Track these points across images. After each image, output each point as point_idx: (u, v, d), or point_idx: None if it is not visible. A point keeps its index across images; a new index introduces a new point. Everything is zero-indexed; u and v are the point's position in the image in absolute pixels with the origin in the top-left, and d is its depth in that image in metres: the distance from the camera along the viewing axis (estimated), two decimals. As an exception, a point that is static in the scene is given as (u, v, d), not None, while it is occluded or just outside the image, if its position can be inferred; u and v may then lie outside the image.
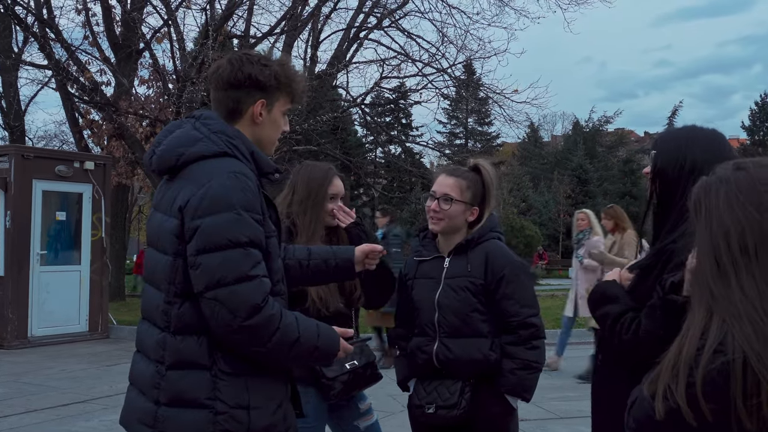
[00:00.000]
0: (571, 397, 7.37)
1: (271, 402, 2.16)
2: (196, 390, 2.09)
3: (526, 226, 33.87)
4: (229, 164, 2.15)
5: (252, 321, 2.04)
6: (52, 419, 6.81)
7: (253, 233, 2.09)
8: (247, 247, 2.07)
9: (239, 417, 2.09)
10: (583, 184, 46.00)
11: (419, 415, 3.13)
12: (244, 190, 2.10)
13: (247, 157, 2.21)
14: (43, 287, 11.85)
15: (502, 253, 3.13)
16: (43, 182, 11.94)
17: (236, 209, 2.07)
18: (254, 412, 2.11)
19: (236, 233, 2.06)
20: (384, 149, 34.24)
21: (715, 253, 1.62)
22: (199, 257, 2.06)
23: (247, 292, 2.04)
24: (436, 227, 3.15)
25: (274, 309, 2.08)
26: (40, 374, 9.18)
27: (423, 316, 3.13)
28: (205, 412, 2.08)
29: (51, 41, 15.26)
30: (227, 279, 2.03)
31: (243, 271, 2.05)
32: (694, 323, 1.63)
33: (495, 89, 18.61)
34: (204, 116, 2.27)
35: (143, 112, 15.24)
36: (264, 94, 2.28)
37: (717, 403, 1.53)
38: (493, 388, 3.06)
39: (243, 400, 2.10)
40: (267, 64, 2.28)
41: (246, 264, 2.06)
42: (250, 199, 2.11)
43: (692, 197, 1.72)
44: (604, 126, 54.95)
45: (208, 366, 2.10)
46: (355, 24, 18.16)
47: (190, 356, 2.11)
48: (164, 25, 15.92)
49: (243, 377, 2.12)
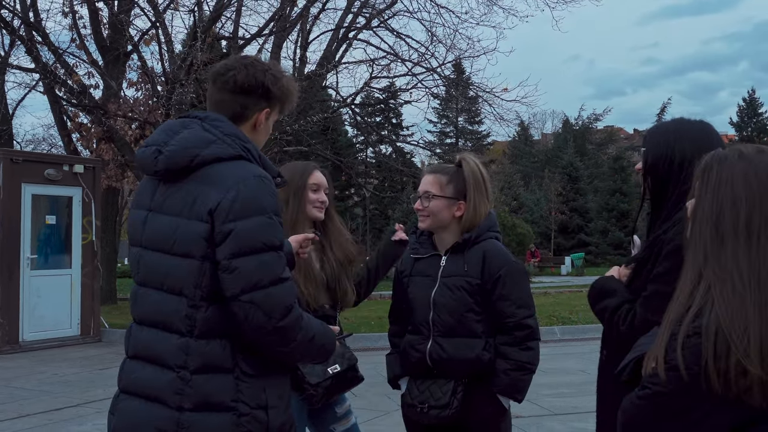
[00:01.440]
0: (565, 393, 7.38)
1: (282, 400, 2.22)
2: (222, 393, 2.10)
3: (518, 224, 33.87)
4: (252, 168, 2.18)
5: (285, 322, 2.09)
6: (45, 424, 6.77)
7: (280, 238, 2.16)
8: (279, 250, 2.13)
9: (260, 417, 2.13)
10: (574, 182, 46.12)
11: (412, 414, 3.12)
12: (272, 194, 2.16)
13: (258, 162, 2.24)
14: (33, 291, 11.79)
15: (499, 253, 3.11)
16: (32, 186, 11.87)
17: (268, 213, 2.12)
18: (272, 411, 2.16)
19: (270, 237, 2.10)
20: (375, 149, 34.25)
21: (717, 218, 1.66)
22: (234, 261, 2.07)
23: (281, 294, 2.10)
24: (423, 224, 3.17)
25: (299, 309, 2.15)
26: (32, 379, 9.13)
27: (417, 314, 3.12)
28: (230, 415, 2.10)
29: (38, 44, 15.20)
30: (263, 282, 2.07)
31: (277, 273, 2.10)
32: (684, 287, 1.69)
33: (485, 88, 18.68)
34: (211, 118, 2.25)
35: (132, 115, 15.19)
36: (269, 104, 2.33)
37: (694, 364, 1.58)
38: (485, 388, 3.05)
39: (262, 401, 2.14)
40: (278, 76, 2.34)
41: (279, 267, 2.12)
42: (276, 203, 2.17)
43: (703, 162, 1.75)
44: (594, 124, 55.18)
45: (231, 368, 2.12)
46: (343, 24, 18.15)
47: (215, 360, 2.11)
48: (152, 27, 15.87)
49: (261, 378, 2.16)
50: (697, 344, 1.59)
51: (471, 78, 20.57)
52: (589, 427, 6.81)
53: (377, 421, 6.43)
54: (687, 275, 1.70)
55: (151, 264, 2.21)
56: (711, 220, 1.67)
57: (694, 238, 1.70)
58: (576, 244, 43.62)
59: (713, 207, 1.68)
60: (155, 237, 2.21)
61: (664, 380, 1.64)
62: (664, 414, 1.67)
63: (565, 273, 35.20)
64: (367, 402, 6.68)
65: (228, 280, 2.07)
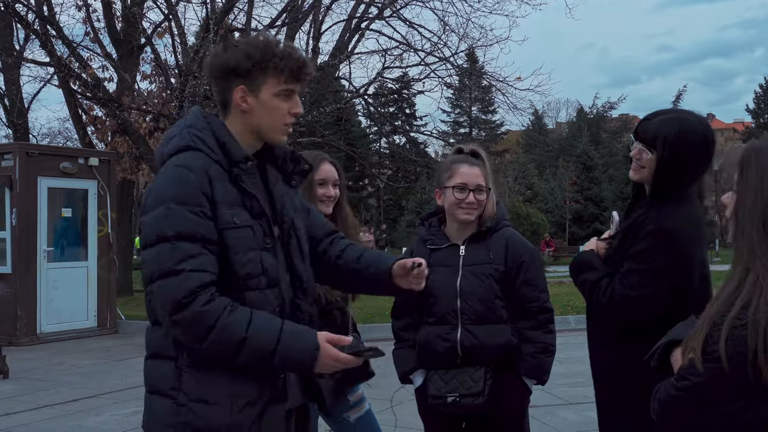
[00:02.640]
0: (580, 383, 7.36)
1: (237, 400, 2.09)
2: (163, 380, 2.11)
3: (532, 213, 33.75)
4: (179, 158, 2.13)
5: (177, 317, 2.00)
6: (63, 415, 6.84)
7: (183, 226, 2.02)
8: (174, 240, 2.02)
9: (198, 410, 2.06)
10: (588, 171, 45.91)
11: (438, 405, 3.09)
12: (181, 182, 2.06)
13: (213, 148, 2.14)
14: (50, 284, 11.90)
15: (520, 240, 3.22)
16: (48, 179, 11.96)
17: (166, 203, 2.04)
18: (214, 407, 2.07)
19: (163, 227, 2.03)
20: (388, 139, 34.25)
21: (763, 212, 1.65)
22: (142, 253, 2.09)
23: (169, 288, 2.01)
24: (470, 217, 3.14)
25: (210, 305, 2.00)
26: (50, 370, 9.22)
27: (442, 304, 3.11)
28: (170, 402, 2.09)
29: (52, 38, 15.24)
30: (155, 274, 2.03)
31: (168, 266, 2.01)
32: (731, 280, 1.68)
33: (498, 77, 18.52)
34: (189, 112, 2.28)
35: (146, 108, 15.23)
36: (242, 80, 2.16)
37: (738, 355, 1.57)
38: (512, 373, 3.09)
39: (203, 394, 2.07)
40: (237, 45, 2.17)
41: (171, 259, 2.01)
42: (185, 191, 2.05)
43: (742, 156, 1.74)
44: (608, 112, 54.88)
45: (174, 357, 2.10)
46: (356, 15, 18.09)
47: (159, 347, 2.14)
48: (165, 20, 15.88)
49: (204, 371, 2.08)
50: (743, 336, 1.57)
51: (484, 67, 20.44)
52: (604, 416, 6.74)
53: (391, 411, 6.44)
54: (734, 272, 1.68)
55: None
56: (756, 214, 1.65)
57: (739, 236, 1.68)
58: (591, 234, 43.35)
59: (757, 201, 1.66)
60: None
61: (703, 372, 1.63)
62: (704, 405, 1.68)
63: (580, 262, 35.00)
64: (380, 392, 6.69)
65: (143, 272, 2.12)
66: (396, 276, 2.40)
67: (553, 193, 45.68)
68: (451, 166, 3.20)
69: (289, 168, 2.36)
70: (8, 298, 11.55)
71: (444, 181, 3.19)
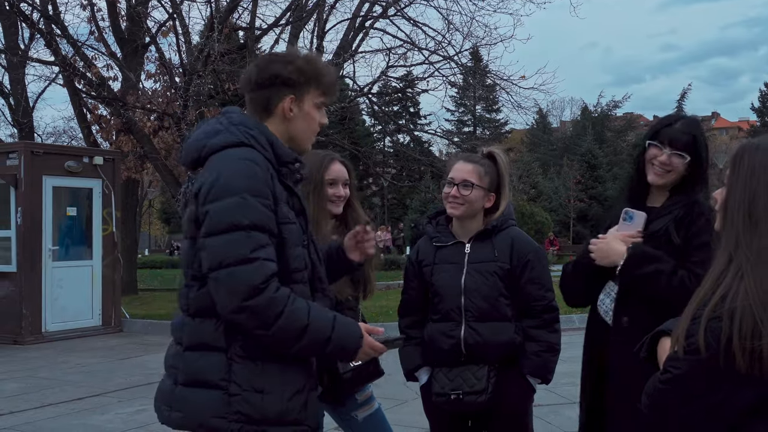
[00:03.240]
0: (584, 382, 7.36)
1: (287, 388, 2.19)
2: (212, 371, 2.15)
3: (537, 212, 33.76)
4: (242, 152, 2.20)
5: (251, 302, 2.07)
6: (68, 413, 6.86)
7: (257, 217, 2.13)
8: (249, 230, 2.11)
9: (252, 400, 2.13)
10: (593, 170, 45.87)
11: (442, 403, 3.11)
12: (251, 176, 2.15)
13: (266, 147, 2.26)
14: (55, 283, 11.92)
15: (525, 239, 3.23)
16: (53, 178, 11.98)
17: (241, 194, 2.12)
18: (267, 396, 2.15)
19: (238, 217, 2.10)
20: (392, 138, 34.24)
21: (749, 204, 1.71)
22: (206, 240, 2.14)
23: (246, 274, 2.07)
24: (456, 212, 3.17)
25: (279, 293, 2.10)
26: (55, 369, 9.25)
27: (446, 301, 3.14)
28: (220, 393, 2.13)
29: (57, 37, 15.27)
30: (228, 260, 2.08)
31: (242, 253, 2.08)
32: (712, 273, 1.73)
33: (502, 76, 18.54)
34: (228, 111, 2.36)
35: (151, 106, 15.25)
36: (292, 90, 2.33)
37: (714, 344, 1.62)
38: (515, 371, 3.10)
39: (257, 384, 2.14)
40: (291, 60, 2.34)
41: (246, 246, 2.09)
42: (256, 184, 2.15)
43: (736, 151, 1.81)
44: (613, 111, 54.77)
45: (224, 348, 2.15)
46: (360, 13, 18.09)
47: (206, 338, 2.18)
48: (169, 19, 15.91)
49: (258, 362, 2.15)
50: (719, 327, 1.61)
51: (488, 66, 20.46)
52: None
53: (395, 410, 6.45)
54: (717, 262, 1.74)
55: (183, 249, 2.37)
56: (743, 206, 1.71)
57: (727, 225, 1.75)
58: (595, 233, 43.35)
59: (745, 194, 1.72)
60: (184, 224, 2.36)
61: (683, 364, 1.68)
62: (687, 397, 1.70)
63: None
64: (384, 391, 6.69)
65: (203, 258, 2.16)
66: (349, 250, 2.72)
67: (557, 191, 45.64)
68: (451, 163, 3.30)
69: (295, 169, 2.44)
70: (13, 296, 11.57)
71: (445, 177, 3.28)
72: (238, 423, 2.13)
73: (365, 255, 2.76)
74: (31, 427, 6.34)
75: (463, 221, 3.20)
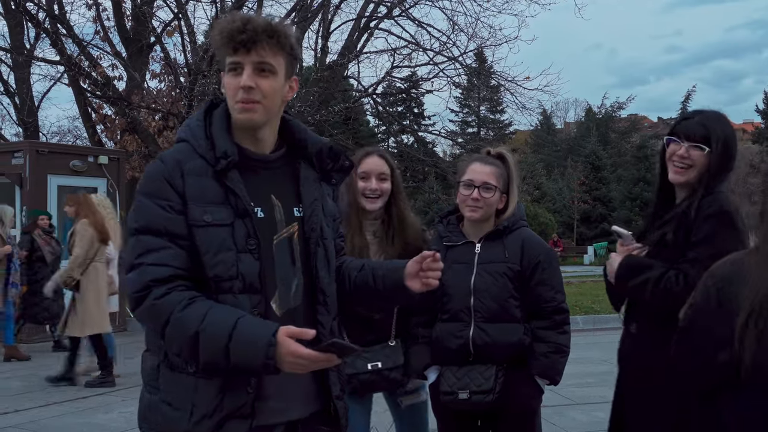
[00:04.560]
0: (589, 383, 7.36)
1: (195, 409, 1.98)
2: (149, 374, 2.14)
3: (540, 213, 33.75)
4: (168, 152, 2.12)
5: (138, 310, 1.99)
6: (72, 412, 6.87)
7: (147, 219, 1.99)
8: (138, 234, 2.00)
9: (165, 412, 2.05)
10: (597, 171, 45.77)
11: (450, 402, 3.11)
12: (150, 175, 2.05)
13: (200, 142, 2.07)
14: (60, 281, 11.89)
15: (537, 240, 3.23)
16: (57, 177, 12.00)
17: (138, 196, 2.05)
18: (176, 413, 2.02)
19: (131, 221, 2.03)
20: (396, 139, 34.16)
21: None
22: None
23: (131, 281, 1.99)
24: (475, 215, 3.15)
25: (163, 300, 1.92)
26: (60, 367, 9.24)
27: (455, 301, 3.13)
28: (148, 397, 2.12)
29: (63, 37, 15.31)
30: (127, 266, 2.03)
31: (130, 259, 2.00)
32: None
33: (506, 77, 18.53)
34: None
35: (155, 106, 15.29)
36: (219, 66, 2.19)
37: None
38: (523, 372, 3.09)
39: (169, 397, 2.05)
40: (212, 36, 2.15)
41: (133, 252, 2.00)
42: (153, 184, 2.02)
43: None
44: (617, 112, 54.63)
45: (157, 353, 2.10)
46: (365, 14, 18.11)
47: (149, 341, 2.16)
48: (175, 19, 15.94)
49: (175, 373, 2.04)
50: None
51: (493, 67, 20.44)
52: (612, 417, 6.70)
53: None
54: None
55: None
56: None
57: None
58: (599, 234, 43.31)
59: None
60: None
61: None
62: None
63: (588, 262, 35.01)
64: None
65: None
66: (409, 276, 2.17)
67: (561, 193, 45.57)
68: (465, 164, 3.24)
69: (328, 165, 2.22)
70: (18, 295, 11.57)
71: (458, 178, 3.24)
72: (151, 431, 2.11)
73: (427, 287, 2.17)
74: (36, 426, 6.35)
75: (476, 222, 3.19)
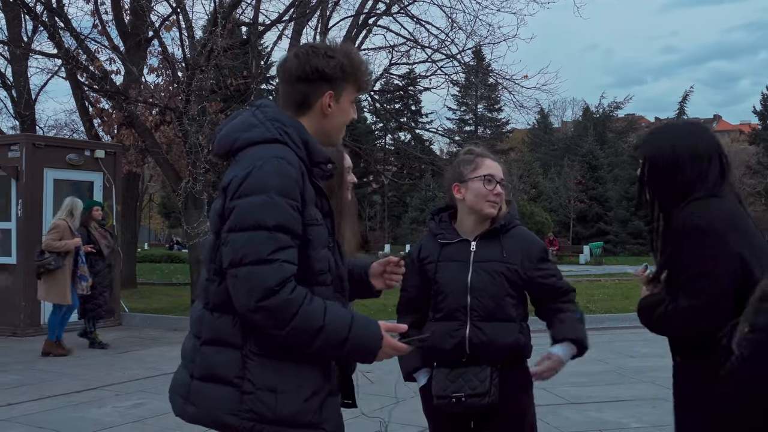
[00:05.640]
0: (583, 383, 7.37)
1: (302, 389, 2.16)
2: (227, 367, 2.14)
3: (537, 212, 33.80)
4: (276, 150, 2.18)
5: (266, 303, 2.05)
6: (65, 406, 6.87)
7: (283, 218, 2.11)
8: (273, 231, 2.09)
9: (265, 399, 2.11)
10: (594, 170, 45.85)
11: (443, 405, 3.05)
12: (283, 175, 2.13)
13: (299, 145, 2.23)
14: (55, 275, 11.88)
15: (533, 238, 3.24)
16: (54, 171, 11.99)
17: (269, 193, 2.10)
18: (281, 395, 2.13)
19: (264, 216, 2.08)
20: (394, 136, 34.18)
21: None
22: (229, 235, 2.12)
23: (262, 274, 2.06)
24: (494, 210, 3.14)
25: (294, 294, 2.08)
26: (53, 361, 9.25)
27: (451, 299, 3.08)
28: (233, 390, 2.12)
29: (60, 30, 15.25)
30: (247, 259, 2.07)
31: (262, 253, 2.07)
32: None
33: (504, 75, 18.49)
34: (263, 105, 2.33)
35: (153, 101, 15.24)
36: (330, 86, 2.30)
37: None
38: (517, 371, 3.07)
39: (270, 383, 2.13)
40: (332, 55, 2.30)
41: (267, 247, 2.07)
42: (286, 184, 2.13)
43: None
44: (614, 112, 54.76)
45: (239, 345, 2.14)
46: (363, 10, 18.07)
47: (223, 334, 2.17)
48: (173, 13, 15.88)
49: (273, 360, 2.14)
50: None
51: (491, 65, 20.45)
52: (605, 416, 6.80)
53: (393, 408, 6.45)
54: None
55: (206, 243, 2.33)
56: None
57: None
58: (595, 233, 43.44)
59: None
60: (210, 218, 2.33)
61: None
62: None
63: (584, 262, 35.05)
64: (382, 388, 6.70)
65: (224, 252, 2.14)
66: (373, 276, 2.64)
67: (557, 192, 45.64)
68: (476, 159, 3.18)
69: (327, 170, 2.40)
70: (12, 288, 11.58)
71: (467, 174, 3.14)
72: (250, 421, 2.11)
73: (388, 287, 2.68)
74: (29, 419, 6.34)
75: (474, 219, 3.15)
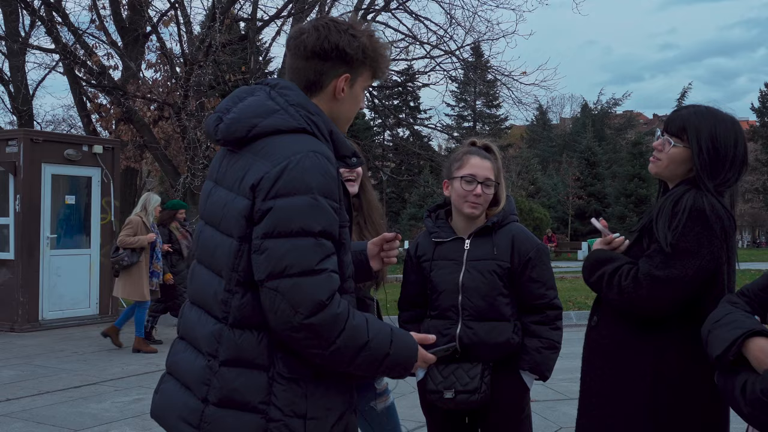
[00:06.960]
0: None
1: (331, 413, 1.94)
2: (251, 392, 1.87)
3: (535, 208, 33.77)
4: (310, 143, 1.90)
5: (314, 319, 1.80)
6: (64, 401, 6.87)
7: (327, 222, 1.85)
8: (320, 237, 1.84)
9: (294, 426, 1.87)
10: (592, 167, 45.85)
11: (436, 400, 3.06)
12: (325, 173, 1.86)
13: (326, 137, 1.97)
14: (53, 271, 11.92)
15: (527, 236, 3.14)
16: (52, 166, 11.97)
17: (313, 193, 1.83)
18: (311, 423, 1.89)
19: (310, 220, 1.82)
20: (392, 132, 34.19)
21: None
22: (266, 241, 1.83)
23: (312, 287, 1.80)
24: (476, 212, 3.07)
25: (341, 308, 1.84)
26: (51, 357, 9.25)
27: (444, 298, 3.07)
28: (257, 418, 1.86)
29: (58, 25, 15.24)
30: (293, 270, 1.80)
31: (311, 263, 1.81)
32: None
33: (503, 71, 18.50)
34: (281, 85, 2.01)
35: (151, 96, 15.23)
36: (349, 69, 2.04)
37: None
38: (511, 370, 3.05)
39: (300, 409, 1.88)
40: (355, 34, 2.02)
41: (315, 256, 1.82)
42: (329, 183, 1.87)
43: None
44: (613, 108, 54.78)
45: (266, 367, 1.88)
46: (362, 6, 18.04)
47: (248, 354, 1.89)
48: (171, 9, 15.86)
49: (303, 383, 1.89)
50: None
51: (490, 61, 20.44)
52: (604, 412, 6.71)
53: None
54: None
55: (205, 240, 2.03)
56: None
57: None
58: (593, 230, 43.37)
59: None
60: (212, 211, 2.02)
61: None
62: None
63: (582, 258, 35.10)
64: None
65: (257, 261, 1.84)
66: (371, 257, 2.41)
67: (556, 188, 45.63)
68: (462, 157, 3.13)
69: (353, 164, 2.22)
70: (11, 284, 11.58)
71: (453, 172, 3.12)
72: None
73: (386, 264, 2.45)
74: (27, 415, 6.34)
75: (465, 217, 3.12)
